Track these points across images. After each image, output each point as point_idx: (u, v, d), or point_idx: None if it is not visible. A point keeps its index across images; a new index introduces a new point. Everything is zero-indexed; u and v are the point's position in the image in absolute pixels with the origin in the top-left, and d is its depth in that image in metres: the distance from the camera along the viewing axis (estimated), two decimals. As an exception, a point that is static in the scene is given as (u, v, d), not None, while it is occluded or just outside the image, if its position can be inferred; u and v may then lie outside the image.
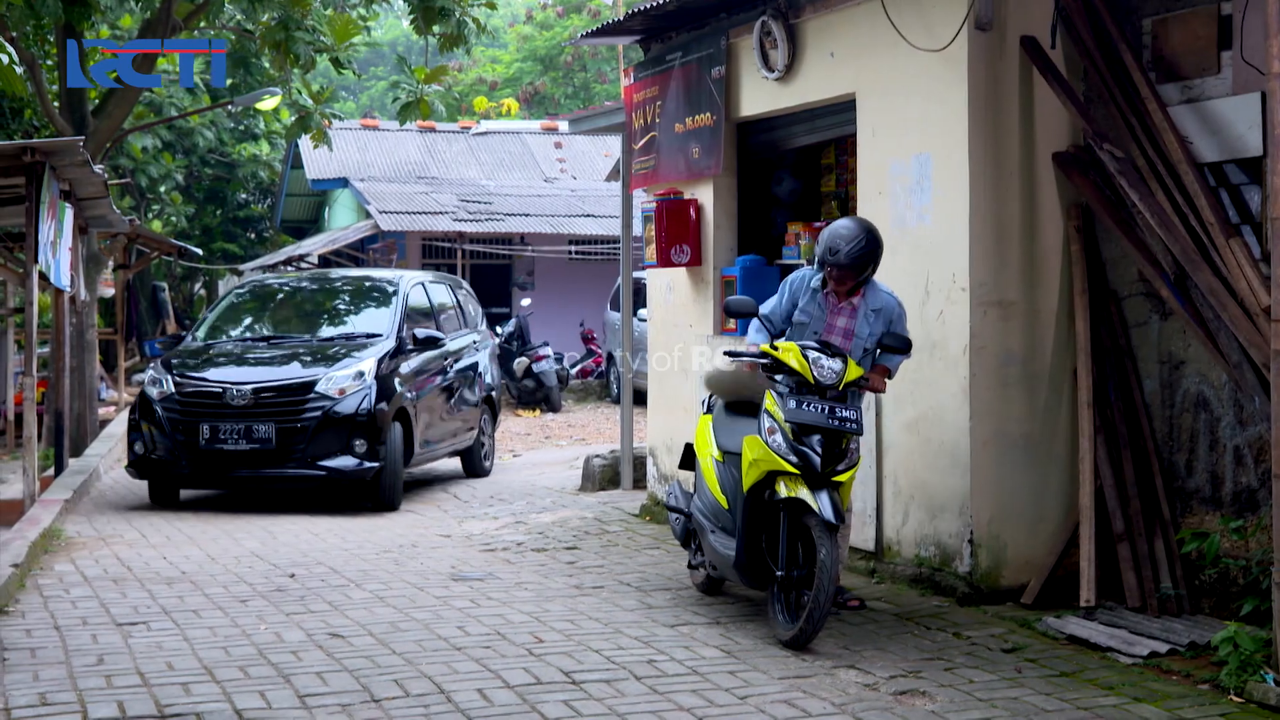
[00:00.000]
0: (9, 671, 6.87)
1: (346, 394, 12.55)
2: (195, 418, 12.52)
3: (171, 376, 12.83)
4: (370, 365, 12.84)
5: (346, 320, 14.15)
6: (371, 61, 54.47)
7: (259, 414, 12.41)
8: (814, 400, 7.43)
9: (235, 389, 12.50)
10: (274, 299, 14.86)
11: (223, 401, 12.48)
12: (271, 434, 12.41)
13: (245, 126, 35.97)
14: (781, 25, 9.76)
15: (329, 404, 12.48)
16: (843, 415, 7.41)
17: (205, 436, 12.46)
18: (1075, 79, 8.41)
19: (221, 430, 12.43)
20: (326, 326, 14.00)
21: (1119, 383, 8.29)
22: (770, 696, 6.40)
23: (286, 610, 8.29)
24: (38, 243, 12.29)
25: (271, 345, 13.56)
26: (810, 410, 7.39)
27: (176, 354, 13.43)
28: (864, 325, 7.82)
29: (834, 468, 7.38)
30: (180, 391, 12.69)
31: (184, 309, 41.18)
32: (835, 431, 7.39)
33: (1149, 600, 7.80)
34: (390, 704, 6.30)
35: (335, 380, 12.61)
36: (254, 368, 13.02)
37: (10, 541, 10.02)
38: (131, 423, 13.03)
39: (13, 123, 21.29)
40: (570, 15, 46.58)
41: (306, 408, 12.48)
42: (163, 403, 12.70)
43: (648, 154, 11.58)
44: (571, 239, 29.74)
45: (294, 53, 18.02)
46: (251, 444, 12.38)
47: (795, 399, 7.44)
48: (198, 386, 12.68)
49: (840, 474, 7.41)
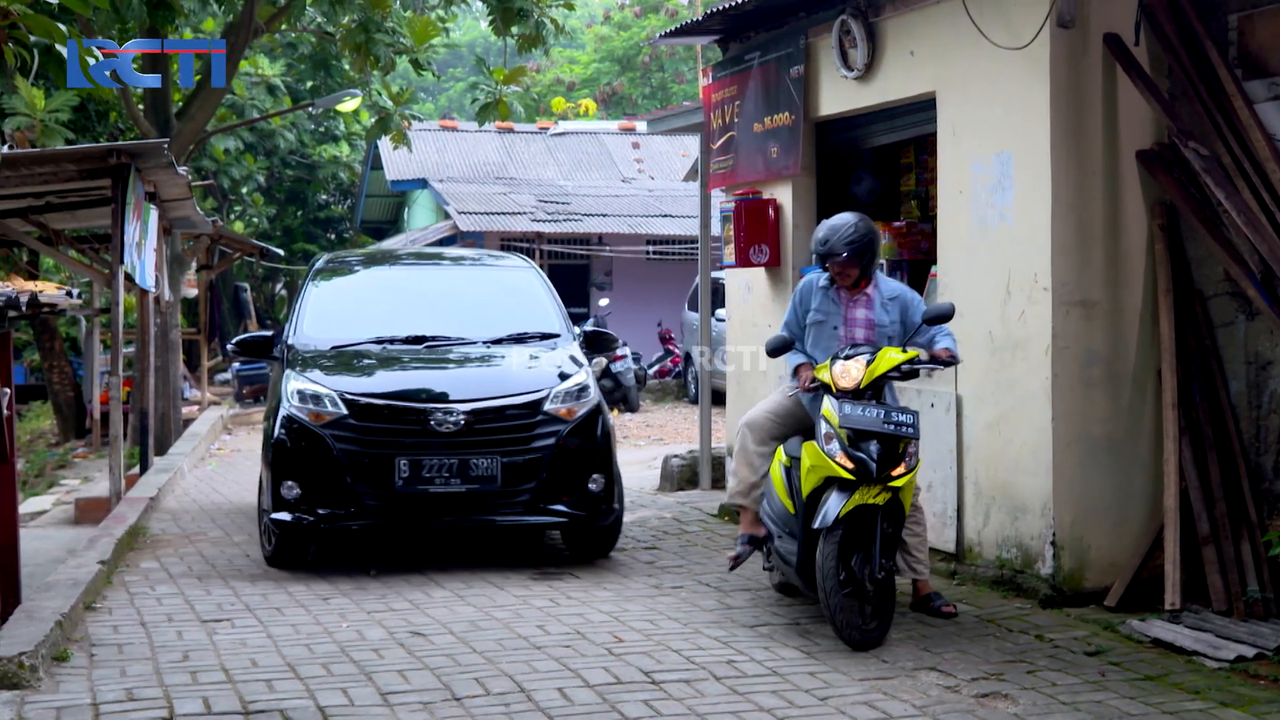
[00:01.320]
0: (96, 667, 6.97)
1: (575, 414, 9.70)
2: (388, 450, 9.39)
3: (331, 391, 9.58)
4: (587, 376, 10.06)
5: (501, 314, 10.92)
6: (450, 63, 54.77)
7: (475, 444, 9.43)
8: (870, 405, 7.42)
9: (442, 411, 9.46)
10: (383, 286, 11.62)
11: (427, 428, 9.41)
12: (496, 470, 9.42)
13: (326, 128, 36.29)
14: (861, 24, 9.72)
15: (561, 428, 9.60)
16: (898, 420, 7.39)
17: (403, 475, 9.34)
18: (1159, 76, 8.31)
19: (427, 466, 9.38)
20: (482, 322, 10.75)
21: (1204, 383, 8.20)
22: (850, 698, 6.38)
23: (368, 608, 8.35)
24: (123, 244, 12.45)
25: (431, 349, 10.32)
26: (866, 415, 7.37)
27: (299, 359, 10.08)
28: (883, 313, 7.92)
29: (889, 472, 7.34)
30: (356, 413, 9.50)
31: (265, 309, 41.61)
32: (892, 436, 7.36)
33: (1235, 603, 7.70)
34: (471, 702, 6.33)
35: (561, 397, 9.75)
36: (439, 379, 9.98)
37: (98, 539, 10.16)
38: (278, 456, 9.54)
39: (99, 125, 21.58)
40: (648, 15, 46.57)
41: (536, 434, 9.56)
42: (330, 429, 9.42)
43: (726, 154, 11.57)
44: (649, 239, 29.75)
45: (374, 54, 18.17)
46: (469, 484, 9.40)
47: (851, 404, 7.43)
48: (383, 406, 9.54)
49: (898, 479, 7.37)
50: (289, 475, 9.44)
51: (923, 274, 9.77)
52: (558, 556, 10.11)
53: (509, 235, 28.80)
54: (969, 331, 8.75)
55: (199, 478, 15.50)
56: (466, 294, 11.39)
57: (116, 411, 13.07)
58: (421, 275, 11.85)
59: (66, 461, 22.29)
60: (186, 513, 12.62)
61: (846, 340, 7.89)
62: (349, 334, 10.40)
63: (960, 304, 8.82)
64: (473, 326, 10.63)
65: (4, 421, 9.46)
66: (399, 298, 11.19)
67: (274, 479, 9.51)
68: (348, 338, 10.35)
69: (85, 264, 17.12)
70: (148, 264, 14.39)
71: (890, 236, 10.09)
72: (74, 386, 26.28)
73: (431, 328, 10.49)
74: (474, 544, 10.33)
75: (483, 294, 11.39)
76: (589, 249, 30.10)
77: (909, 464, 7.41)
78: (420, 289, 11.44)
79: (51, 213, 14.84)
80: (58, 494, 18.32)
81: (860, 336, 7.88)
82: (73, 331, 31.36)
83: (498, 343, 10.43)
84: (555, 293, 11.22)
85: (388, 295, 11.27)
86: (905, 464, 7.39)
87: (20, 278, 22.93)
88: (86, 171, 12.46)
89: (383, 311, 10.78)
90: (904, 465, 7.38)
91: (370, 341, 10.32)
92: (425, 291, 11.38)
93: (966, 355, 8.72)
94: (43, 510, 16.70)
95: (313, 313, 10.68)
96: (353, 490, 9.34)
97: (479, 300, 11.23)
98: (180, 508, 12.97)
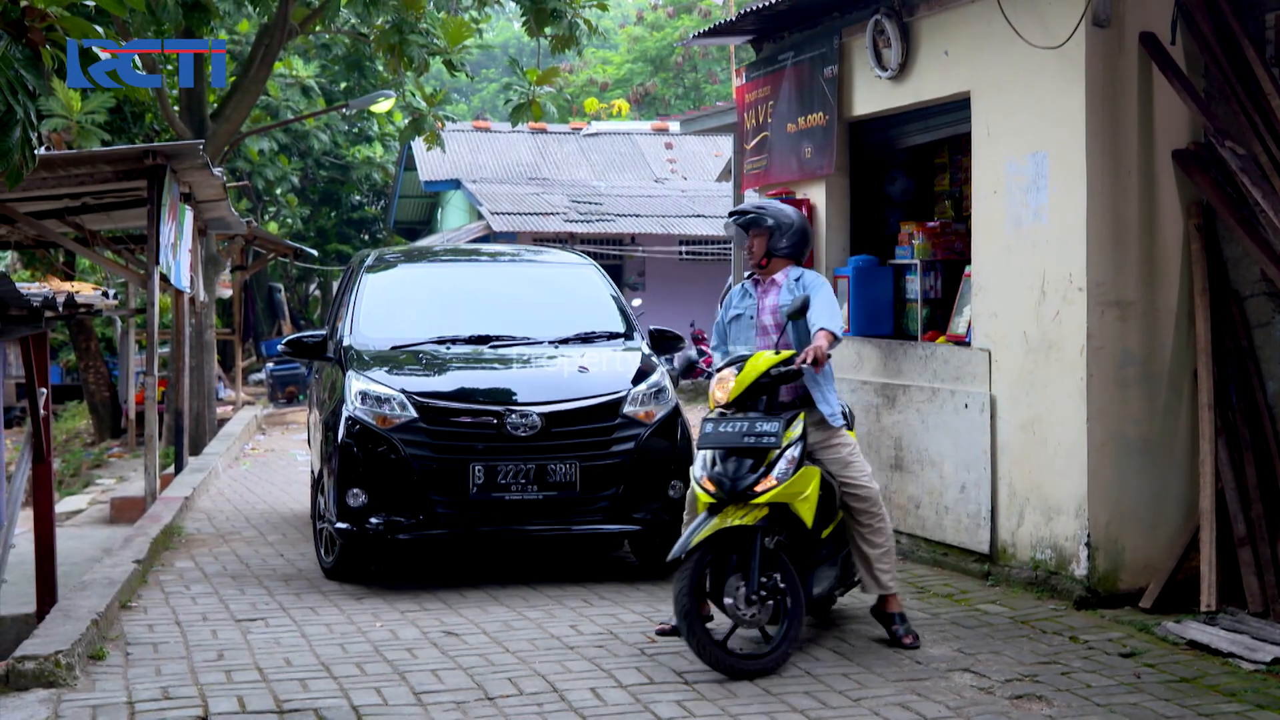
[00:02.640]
0: (132, 665, 7.01)
1: (655, 417, 9.34)
2: (461, 455, 8.95)
3: (398, 393, 9.13)
4: (663, 377, 9.72)
5: (565, 313, 10.52)
6: (483, 64, 54.91)
7: (553, 448, 9.03)
8: (735, 420, 7.07)
9: (517, 413, 9.04)
10: (439, 283, 11.09)
11: (502, 431, 8.98)
12: (575, 476, 9.02)
13: (359, 129, 36.44)
14: (895, 24, 9.70)
15: (640, 431, 9.23)
16: (759, 431, 6.98)
17: (478, 481, 8.91)
18: (1195, 75, 8.27)
19: (502, 472, 8.95)
20: (546, 321, 10.33)
21: (1241, 384, 8.15)
22: (884, 699, 6.36)
23: (401, 607, 8.37)
24: (159, 244, 12.52)
25: (496, 349, 9.86)
26: (725, 431, 7.05)
27: (358, 359, 9.63)
28: (786, 295, 7.57)
29: (752, 489, 6.91)
30: (426, 416, 9.05)
31: (299, 310, 41.78)
32: (753, 450, 6.98)
33: (1272, 605, 7.65)
34: (504, 702, 6.34)
35: (639, 399, 9.39)
36: (510, 380, 9.56)
37: (133, 538, 10.22)
38: (344, 462, 9.08)
39: (134, 127, 21.70)
40: (681, 16, 46.60)
41: (615, 438, 9.17)
42: (400, 433, 8.98)
43: (760, 154, 11.55)
44: (682, 239, 29.77)
45: (407, 55, 18.23)
46: (547, 491, 8.98)
47: (715, 422, 7.12)
48: (456, 409, 9.10)
49: (762, 494, 6.91)
50: (355, 482, 8.97)
51: (957, 274, 9.74)
52: (611, 569, 9.99)
53: (542, 235, 28.85)
54: (1003, 332, 8.73)
55: (233, 478, 15.57)
56: (527, 292, 10.92)
57: (152, 411, 13.14)
58: (478, 272, 11.37)
59: (102, 461, 22.45)
60: (221, 512, 12.68)
61: (759, 329, 7.64)
62: (408, 333, 9.96)
63: (994, 304, 8.83)
64: (537, 325, 10.18)
65: (41, 421, 9.53)
66: (457, 295, 10.72)
67: (339, 486, 9.03)
68: (407, 337, 9.91)
69: (121, 265, 17.20)
70: (183, 265, 14.47)
71: (924, 237, 10.05)
72: (109, 387, 26.45)
73: (494, 327, 10.06)
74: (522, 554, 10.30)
75: (544, 292, 10.94)
76: (622, 249, 30.12)
77: (780, 477, 6.95)
78: (478, 286, 10.96)
79: (88, 214, 14.94)
80: (93, 493, 18.45)
81: (770, 323, 7.60)
82: (108, 332, 31.56)
83: (565, 342, 10.01)
84: (618, 290, 10.90)
85: (443, 293, 10.80)
86: (775, 477, 6.95)
87: (57, 278, 23.09)
88: (122, 173, 12.54)
89: (440, 310, 10.37)
90: (773, 479, 6.95)
91: (431, 341, 9.86)
92: (484, 289, 10.89)
93: (1001, 355, 8.71)
94: (79, 510, 16.83)
95: (368, 311, 10.21)
96: (424, 497, 8.89)
97: (540, 298, 10.77)
98: (214, 507, 13.03)
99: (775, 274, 7.68)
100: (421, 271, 11.33)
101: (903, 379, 9.70)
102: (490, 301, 10.58)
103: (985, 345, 8.93)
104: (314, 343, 10.36)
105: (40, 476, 9.76)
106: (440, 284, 11.03)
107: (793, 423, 7.15)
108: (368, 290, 10.44)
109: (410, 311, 10.34)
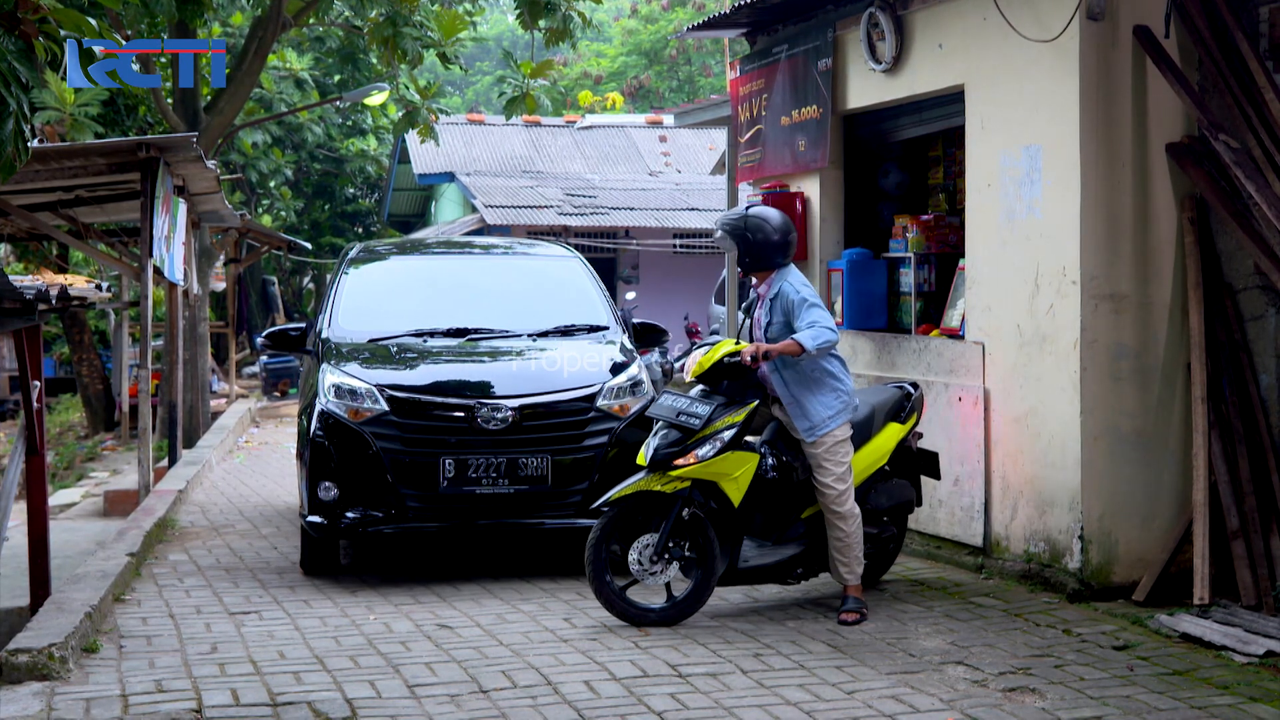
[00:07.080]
0: (125, 659, 7.01)
1: (629, 410, 9.21)
2: (432, 449, 8.92)
3: (370, 386, 9.08)
4: (640, 370, 9.61)
5: (545, 306, 10.44)
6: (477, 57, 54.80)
7: (525, 442, 8.97)
8: (680, 397, 7.77)
9: (488, 407, 8.98)
10: (420, 276, 11.00)
11: (474, 425, 8.94)
12: (546, 469, 8.97)
13: (353, 122, 36.42)
14: (889, 17, 9.70)
15: (614, 425, 9.14)
16: (688, 411, 7.66)
17: (448, 475, 8.88)
18: (1189, 69, 8.27)
19: (473, 466, 8.91)
20: (526, 314, 10.25)
21: (1234, 377, 8.15)
22: (878, 692, 6.37)
23: (395, 601, 8.38)
24: (152, 237, 12.51)
25: (474, 342, 9.82)
26: (666, 404, 7.79)
27: (334, 352, 9.58)
28: (764, 314, 7.98)
29: (671, 462, 7.58)
30: (398, 410, 9.01)
31: (293, 303, 41.75)
32: (685, 427, 7.62)
33: (1265, 598, 7.66)
34: (498, 695, 6.34)
35: (615, 392, 9.30)
36: (484, 374, 9.45)
37: (126, 531, 10.21)
38: (315, 455, 9.04)
39: (128, 119, 21.67)
40: (675, 9, 46.52)
41: (588, 432, 9.11)
42: (370, 426, 8.94)
43: (754, 147, 11.56)
44: (676, 232, 29.73)
45: (401, 48, 18.22)
46: (517, 485, 8.93)
47: (668, 394, 7.86)
48: (427, 402, 9.06)
49: (679, 468, 7.56)
50: (326, 475, 8.95)
51: (951, 268, 9.74)
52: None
53: (536, 229, 28.81)
54: (997, 325, 8.74)
55: (227, 471, 15.56)
56: (508, 285, 10.84)
57: (145, 404, 13.13)
58: (461, 265, 11.33)
59: (95, 454, 22.41)
60: (214, 505, 12.67)
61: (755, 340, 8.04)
62: (386, 326, 9.92)
63: (988, 298, 8.84)
64: (516, 318, 10.12)
65: (34, 414, 9.52)
66: (437, 288, 10.67)
67: (310, 479, 9.02)
68: (385, 330, 9.88)
69: (114, 257, 17.21)
70: (176, 257, 14.46)
71: (918, 230, 10.06)
72: (103, 379, 26.39)
73: (473, 320, 10.01)
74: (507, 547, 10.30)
75: (525, 285, 10.85)
76: (615, 242, 30.10)
77: (701, 456, 7.55)
78: (460, 279, 10.94)
79: (81, 206, 14.93)
80: (86, 486, 18.42)
81: (759, 335, 7.99)
82: (102, 325, 31.50)
83: (543, 335, 9.95)
84: (601, 283, 10.83)
85: (425, 286, 10.73)
86: (695, 455, 7.55)
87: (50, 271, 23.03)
88: (116, 165, 12.53)
89: (421, 303, 10.32)
90: (693, 456, 7.55)
91: (409, 334, 9.84)
92: (465, 282, 10.88)
93: (994, 349, 8.71)
94: (72, 503, 16.79)
95: (347, 304, 10.16)
96: (394, 491, 8.86)
97: (521, 291, 10.70)
98: (208, 500, 13.02)
99: (762, 285, 8.06)
100: (405, 264, 11.25)
101: (896, 372, 9.71)
102: (471, 294, 10.54)
103: (979, 338, 8.94)
104: (295, 335, 10.33)
105: (34, 469, 9.74)
106: (423, 277, 10.96)
107: (736, 409, 7.69)
108: (349, 284, 10.41)
109: (391, 305, 10.28)
